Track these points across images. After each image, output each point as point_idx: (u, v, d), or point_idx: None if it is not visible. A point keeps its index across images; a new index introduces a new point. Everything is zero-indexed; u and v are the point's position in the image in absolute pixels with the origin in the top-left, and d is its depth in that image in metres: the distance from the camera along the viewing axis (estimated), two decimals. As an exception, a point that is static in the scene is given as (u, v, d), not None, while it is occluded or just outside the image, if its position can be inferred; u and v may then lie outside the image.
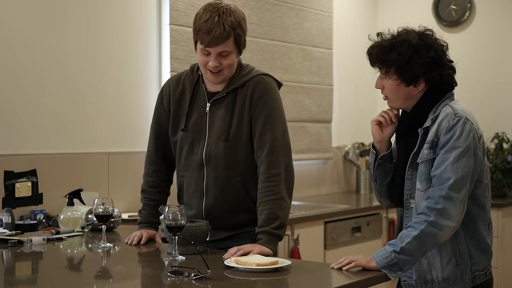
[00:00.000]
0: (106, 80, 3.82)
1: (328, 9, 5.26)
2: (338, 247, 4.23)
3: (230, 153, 2.61)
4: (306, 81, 5.06)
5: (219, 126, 2.62)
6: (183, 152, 2.70)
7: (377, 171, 2.48)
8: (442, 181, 2.23)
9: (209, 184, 2.64)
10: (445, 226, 2.21)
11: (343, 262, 2.24)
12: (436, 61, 2.33)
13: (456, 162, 2.23)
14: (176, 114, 2.71)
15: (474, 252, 2.35)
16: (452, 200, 2.21)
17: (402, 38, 2.34)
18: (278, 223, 2.52)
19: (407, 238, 2.22)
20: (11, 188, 3.09)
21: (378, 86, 2.42)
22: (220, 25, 2.47)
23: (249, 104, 2.60)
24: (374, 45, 2.39)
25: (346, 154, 5.42)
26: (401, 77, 2.33)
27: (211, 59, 2.53)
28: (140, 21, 3.99)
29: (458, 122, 2.26)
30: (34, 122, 3.50)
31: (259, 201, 2.56)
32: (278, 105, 2.63)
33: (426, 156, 2.30)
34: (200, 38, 2.52)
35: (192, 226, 2.51)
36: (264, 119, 2.58)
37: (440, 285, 2.34)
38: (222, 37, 2.48)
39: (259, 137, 2.58)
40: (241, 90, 2.62)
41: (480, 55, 5.39)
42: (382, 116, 2.44)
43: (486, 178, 2.37)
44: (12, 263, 2.60)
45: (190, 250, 2.49)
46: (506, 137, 5.10)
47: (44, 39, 3.53)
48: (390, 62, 2.33)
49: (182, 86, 2.72)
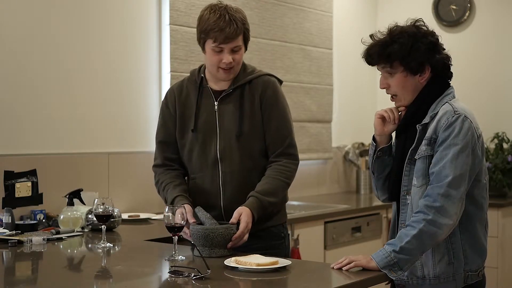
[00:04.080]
0: (106, 80, 3.82)
1: (328, 9, 5.26)
2: (338, 247, 4.23)
3: (245, 147, 2.68)
4: (306, 81, 5.06)
5: (230, 121, 2.68)
6: (194, 153, 2.72)
7: (376, 164, 2.50)
8: (441, 178, 2.23)
9: (226, 180, 2.68)
10: (444, 224, 2.21)
11: (343, 262, 2.24)
12: (435, 45, 2.37)
13: (455, 159, 2.23)
14: (183, 116, 2.74)
15: (469, 253, 2.35)
16: (450, 198, 2.21)
17: (398, 30, 2.37)
18: (273, 200, 2.63)
19: (406, 237, 2.22)
20: (11, 188, 3.09)
21: (383, 86, 2.42)
22: (233, 22, 2.60)
23: (260, 101, 2.70)
24: (372, 44, 2.39)
25: (346, 154, 5.42)
26: (407, 67, 2.34)
27: (224, 56, 2.63)
28: (140, 21, 3.99)
29: (457, 120, 2.27)
30: (34, 122, 3.50)
31: (269, 173, 2.67)
32: (287, 104, 2.78)
33: (423, 152, 2.31)
34: (212, 37, 2.61)
35: (223, 227, 2.44)
36: (279, 117, 2.71)
37: (431, 282, 2.35)
38: (236, 33, 2.61)
39: (276, 133, 2.70)
40: (249, 87, 2.71)
41: (480, 55, 5.39)
42: (387, 112, 2.45)
43: (484, 178, 2.37)
44: (12, 263, 2.60)
45: (218, 253, 2.43)
46: (506, 137, 5.10)
47: (44, 39, 3.53)
48: (394, 54, 2.34)
49: (186, 91, 2.77)
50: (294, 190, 4.88)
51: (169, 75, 4.03)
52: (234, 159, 2.67)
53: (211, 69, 2.70)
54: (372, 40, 2.40)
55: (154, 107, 4.03)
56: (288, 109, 2.77)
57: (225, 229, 2.44)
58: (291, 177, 2.70)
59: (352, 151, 5.40)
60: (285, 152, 2.70)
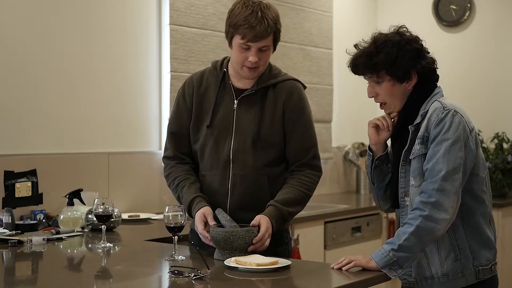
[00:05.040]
0: (106, 80, 3.82)
1: (328, 9, 5.26)
2: (338, 247, 4.23)
3: (259, 151, 2.58)
4: (306, 81, 5.03)
5: (248, 123, 2.59)
6: (206, 150, 2.62)
7: (375, 173, 2.49)
8: (434, 173, 2.23)
9: (235, 182, 2.58)
10: (440, 219, 2.20)
11: (342, 262, 2.24)
12: (420, 51, 2.36)
13: (447, 153, 2.23)
14: (199, 110, 2.64)
15: (476, 247, 2.34)
16: (445, 192, 2.21)
17: (382, 39, 2.36)
18: (293, 210, 2.56)
19: (404, 235, 2.21)
20: (11, 188, 3.09)
21: (371, 95, 2.43)
22: (264, 20, 2.49)
23: (283, 107, 2.60)
24: (357, 54, 2.39)
25: (346, 154, 5.42)
26: (394, 76, 2.34)
27: (251, 54, 2.51)
28: (140, 21, 3.99)
29: (447, 115, 2.27)
30: (34, 122, 3.50)
31: (291, 182, 2.58)
32: (311, 112, 2.70)
33: (417, 151, 2.31)
34: (241, 33, 2.49)
35: (244, 230, 2.38)
36: (305, 126, 2.63)
37: (440, 281, 2.34)
38: (266, 33, 2.50)
39: (301, 143, 2.61)
40: (273, 91, 2.61)
41: (480, 55, 5.39)
42: (380, 120, 2.45)
43: (482, 172, 2.36)
44: (12, 263, 2.60)
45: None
46: (506, 137, 5.10)
47: (44, 39, 3.53)
48: (380, 65, 2.34)
49: (206, 83, 2.66)
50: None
51: (169, 75, 4.03)
52: (246, 162, 2.57)
53: (235, 66, 2.58)
54: (357, 50, 2.40)
55: (154, 107, 4.03)
56: (312, 118, 2.68)
57: (246, 232, 2.37)
58: (313, 189, 2.62)
59: (352, 151, 5.40)
60: (309, 163, 2.61)
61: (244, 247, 2.36)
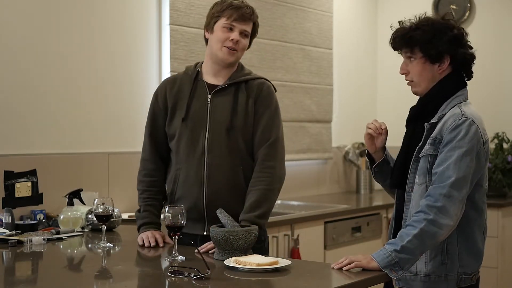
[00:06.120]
0: (106, 80, 3.82)
1: (328, 9, 5.26)
2: (338, 247, 4.23)
3: (233, 142, 2.67)
4: (306, 81, 5.06)
5: (222, 115, 2.68)
6: (181, 143, 2.71)
7: (377, 176, 2.58)
8: (444, 179, 2.23)
9: (210, 172, 2.66)
10: (444, 224, 2.21)
11: (343, 262, 2.24)
12: (459, 39, 2.39)
13: (459, 161, 2.24)
14: (174, 107, 2.74)
15: (465, 256, 2.35)
16: (452, 199, 2.22)
17: (425, 19, 2.42)
18: (261, 212, 2.59)
19: (407, 236, 2.22)
20: (11, 188, 3.09)
21: (402, 71, 2.44)
22: (248, 6, 2.71)
23: (254, 101, 2.71)
24: (397, 29, 2.44)
25: (346, 154, 5.42)
26: (427, 54, 2.36)
27: (233, 34, 2.66)
28: (140, 21, 3.99)
29: (464, 123, 2.28)
30: (34, 122, 3.50)
31: (249, 189, 2.65)
32: (279, 109, 2.78)
33: (426, 151, 2.33)
34: (227, 15, 2.65)
35: (244, 230, 2.38)
36: (268, 118, 2.70)
37: (421, 279, 2.36)
38: (249, 16, 2.69)
39: (262, 133, 2.68)
40: (245, 87, 2.73)
41: (480, 55, 5.28)
42: (369, 128, 2.51)
43: (485, 183, 2.39)
44: (12, 263, 2.60)
45: (229, 255, 2.35)
46: (506, 137, 5.10)
47: (44, 39, 3.53)
48: (415, 40, 2.36)
49: (180, 83, 2.78)
50: (294, 190, 4.90)
51: (169, 75, 4.02)
52: (221, 152, 2.66)
53: (215, 48, 2.69)
54: (400, 26, 2.44)
55: (154, 107, 4.02)
56: (280, 115, 2.76)
57: (246, 232, 2.37)
58: (274, 181, 2.65)
59: (352, 151, 5.40)
60: (262, 152, 2.66)
61: (244, 247, 2.37)
